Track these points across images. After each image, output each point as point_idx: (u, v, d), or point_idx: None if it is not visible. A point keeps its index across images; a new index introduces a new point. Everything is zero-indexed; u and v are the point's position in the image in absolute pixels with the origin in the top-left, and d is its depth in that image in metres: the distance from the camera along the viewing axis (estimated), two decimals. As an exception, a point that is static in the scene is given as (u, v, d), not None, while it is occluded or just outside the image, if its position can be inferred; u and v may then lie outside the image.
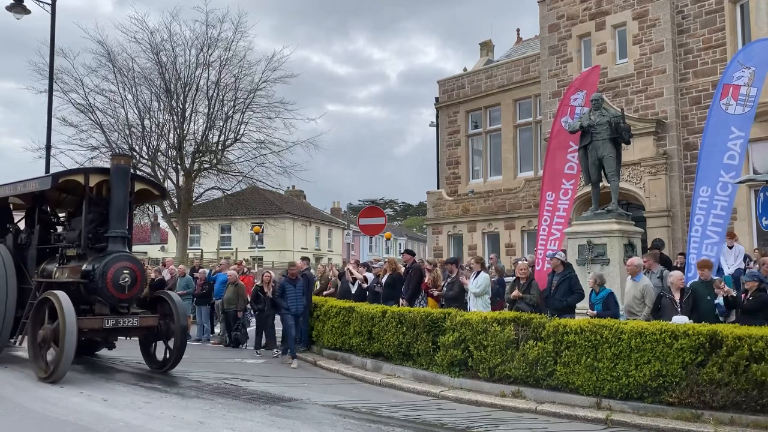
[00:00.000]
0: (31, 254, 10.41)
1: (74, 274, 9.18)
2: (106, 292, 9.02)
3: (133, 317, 9.37)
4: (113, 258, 9.10)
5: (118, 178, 9.44)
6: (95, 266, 9.07)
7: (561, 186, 12.72)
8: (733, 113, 10.02)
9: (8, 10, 15.86)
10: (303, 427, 6.59)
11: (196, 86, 25.25)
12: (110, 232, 9.34)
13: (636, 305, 9.07)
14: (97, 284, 8.98)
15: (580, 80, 13.72)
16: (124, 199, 9.47)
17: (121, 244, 9.41)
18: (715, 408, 6.76)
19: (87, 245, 9.42)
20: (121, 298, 9.16)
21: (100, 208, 9.61)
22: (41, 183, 9.57)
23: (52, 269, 9.81)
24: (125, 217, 9.63)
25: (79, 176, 9.76)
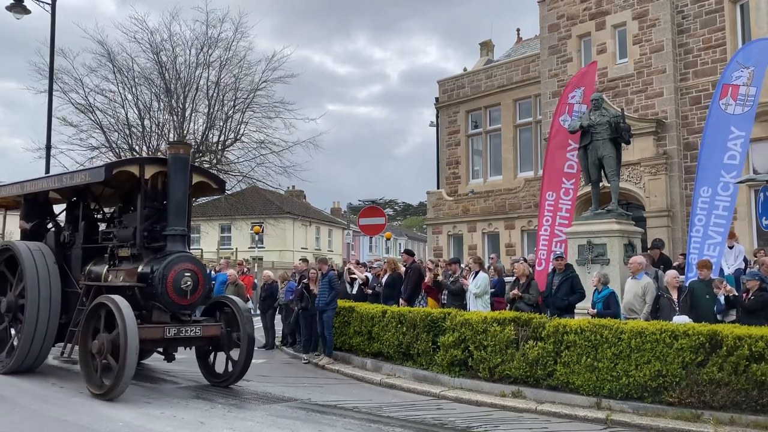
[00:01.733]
0: (75, 254, 9.45)
1: (130, 277, 8.18)
2: (166, 298, 8.08)
3: (196, 326, 8.39)
4: (174, 259, 8.18)
5: (176, 168, 8.49)
6: (154, 268, 8.14)
7: (561, 185, 12.72)
8: (732, 113, 10.02)
9: (8, 10, 15.86)
10: (303, 427, 6.59)
11: (196, 86, 25.23)
12: (169, 229, 8.41)
13: (637, 303, 9.09)
14: (156, 288, 8.04)
15: (577, 77, 13.73)
16: (183, 193, 8.54)
17: (181, 243, 8.51)
18: (715, 408, 6.76)
19: (143, 244, 8.50)
20: (182, 304, 8.23)
21: (155, 202, 8.73)
22: (93, 174, 8.66)
23: (100, 271, 8.92)
24: (185, 213, 8.66)
25: (133, 167, 8.76)
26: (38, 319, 8.63)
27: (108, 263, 8.82)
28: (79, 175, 9.01)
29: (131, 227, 8.66)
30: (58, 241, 9.63)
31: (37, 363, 9.01)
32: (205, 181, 9.56)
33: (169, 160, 8.59)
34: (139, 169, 8.67)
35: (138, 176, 8.61)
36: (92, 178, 8.64)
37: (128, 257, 8.57)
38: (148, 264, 8.28)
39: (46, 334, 8.74)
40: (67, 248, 9.58)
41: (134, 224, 8.61)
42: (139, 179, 8.59)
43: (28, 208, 10.44)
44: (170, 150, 8.76)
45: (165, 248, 8.35)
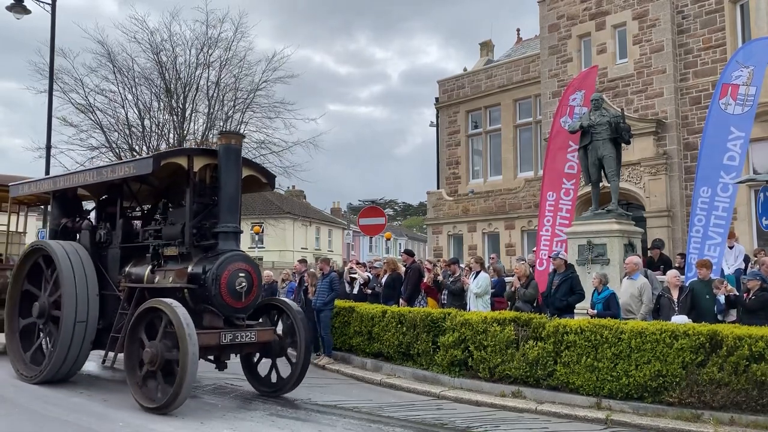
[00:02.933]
0: (112, 254, 8.84)
1: (180, 278, 7.53)
2: (220, 300, 7.47)
3: (250, 331, 7.73)
4: (227, 258, 7.56)
5: (228, 160, 7.85)
6: (206, 268, 7.52)
7: (562, 186, 12.73)
8: (732, 113, 10.02)
9: (8, 10, 15.87)
10: (303, 427, 6.59)
11: (196, 86, 25.24)
12: (221, 226, 7.78)
13: (633, 303, 9.09)
14: (210, 290, 7.43)
15: (578, 80, 13.74)
16: (235, 187, 7.89)
17: (234, 242, 7.88)
18: (715, 408, 6.76)
19: (192, 242, 7.86)
20: (236, 307, 7.62)
21: (204, 198, 8.10)
22: (139, 166, 7.97)
23: (141, 272, 8.30)
24: (237, 209, 8.02)
25: (181, 158, 8.03)
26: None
27: (151, 263, 8.19)
28: (122, 167, 8.28)
29: (179, 224, 7.98)
30: (93, 241, 9.01)
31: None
32: (255, 175, 8.75)
33: (220, 151, 7.93)
34: (188, 161, 7.96)
35: (186, 169, 7.93)
36: (138, 171, 7.96)
37: (175, 257, 7.96)
38: (199, 264, 7.67)
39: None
40: (102, 248, 8.99)
41: (182, 221, 7.94)
42: (187, 172, 7.91)
43: (58, 205, 9.89)
44: (221, 140, 8.02)
45: (216, 247, 7.75)
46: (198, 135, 25.60)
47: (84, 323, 8.13)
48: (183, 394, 6.71)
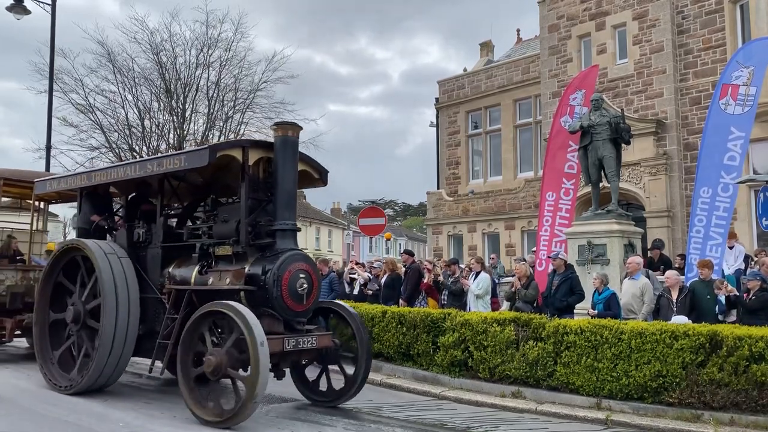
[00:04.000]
0: (152, 255, 8.27)
1: (238, 279, 6.98)
2: (281, 303, 6.93)
3: (311, 336, 7.22)
4: (288, 258, 7.03)
5: (285, 153, 7.29)
6: (266, 268, 6.97)
7: (562, 185, 12.74)
8: (732, 113, 10.03)
9: (8, 10, 15.87)
10: (303, 427, 6.59)
11: (196, 86, 25.22)
12: (279, 223, 7.23)
13: (635, 303, 9.11)
14: (270, 292, 6.89)
15: (578, 80, 13.75)
16: (293, 182, 7.39)
17: (292, 240, 7.38)
18: (715, 408, 6.76)
19: (248, 241, 7.28)
20: (297, 310, 7.11)
21: (257, 193, 7.55)
22: (193, 159, 7.29)
23: (187, 274, 7.73)
24: (295, 205, 7.57)
25: (236, 151, 7.40)
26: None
27: (199, 264, 7.65)
28: (170, 160, 7.62)
29: (232, 221, 7.37)
30: (130, 240, 8.43)
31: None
32: (307, 170, 8.09)
33: (276, 143, 7.35)
34: (243, 154, 7.35)
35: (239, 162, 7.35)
36: (190, 164, 7.32)
37: (228, 256, 7.38)
38: (257, 264, 7.11)
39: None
40: (140, 248, 8.41)
41: (235, 218, 7.36)
42: (242, 165, 7.35)
43: (89, 202, 9.30)
44: (278, 131, 7.38)
45: (274, 245, 7.19)
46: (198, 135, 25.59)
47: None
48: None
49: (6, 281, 10.40)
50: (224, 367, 6.42)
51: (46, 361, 8.43)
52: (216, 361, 6.42)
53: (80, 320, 8.08)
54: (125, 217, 9.08)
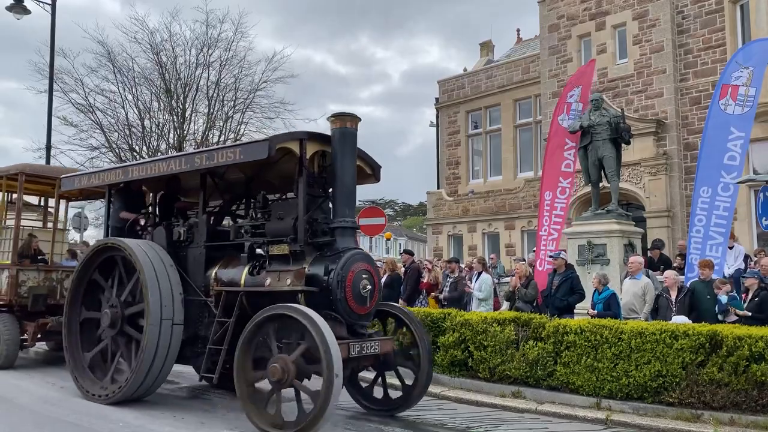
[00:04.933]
0: (193, 255, 7.76)
1: (299, 280, 6.52)
2: (345, 306, 6.51)
3: (374, 341, 6.75)
4: (351, 257, 6.62)
5: (344, 146, 6.88)
6: (329, 268, 6.55)
7: (558, 184, 12.74)
8: (732, 113, 10.02)
9: (8, 10, 15.87)
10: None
11: (196, 86, 25.22)
12: (338, 221, 6.83)
13: (637, 303, 9.12)
14: (334, 294, 6.48)
15: (576, 76, 13.76)
16: (352, 176, 6.96)
17: (352, 238, 6.99)
18: (715, 408, 6.76)
19: (306, 240, 6.83)
20: (360, 313, 6.68)
21: (312, 188, 7.08)
22: (250, 151, 6.80)
23: (236, 274, 7.27)
24: (354, 201, 7.12)
25: (293, 143, 6.89)
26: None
27: (248, 264, 7.18)
28: (224, 153, 7.02)
29: (289, 218, 6.91)
30: (170, 239, 7.95)
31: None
32: (361, 165, 7.54)
33: (334, 135, 6.91)
34: (300, 147, 6.88)
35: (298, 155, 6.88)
36: (248, 156, 6.80)
37: (285, 256, 6.88)
38: (317, 264, 6.68)
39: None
40: (181, 248, 7.92)
41: (292, 215, 6.90)
42: (299, 159, 6.88)
43: (120, 199, 8.82)
44: (335, 123, 6.92)
45: (334, 244, 6.79)
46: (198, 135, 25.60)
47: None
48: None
49: (28, 282, 9.84)
50: (290, 376, 5.98)
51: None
52: (282, 370, 5.97)
53: (118, 325, 7.60)
54: (159, 216, 8.66)
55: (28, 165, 11.11)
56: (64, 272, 10.18)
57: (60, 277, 10.14)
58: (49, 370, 9.80)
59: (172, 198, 8.77)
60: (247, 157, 6.84)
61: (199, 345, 7.43)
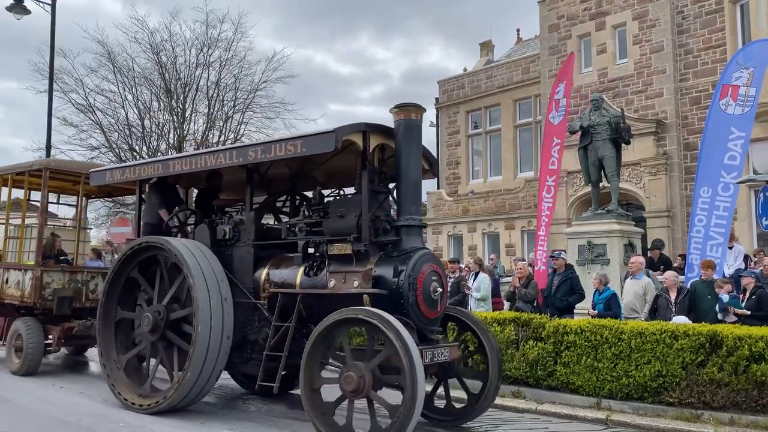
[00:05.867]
0: (240, 254, 7.32)
1: (366, 282, 6.10)
2: (416, 310, 6.08)
3: (444, 347, 6.32)
4: (421, 258, 6.21)
5: (410, 139, 6.46)
6: (399, 269, 6.10)
7: (545, 183, 12.75)
8: (732, 113, 10.03)
9: (8, 10, 15.87)
10: (303, 427, 6.59)
11: (196, 86, 25.22)
12: (404, 218, 6.41)
13: (638, 303, 9.13)
14: (406, 297, 6.03)
15: (560, 72, 13.82)
16: (418, 171, 6.56)
17: (419, 237, 6.58)
18: (715, 408, 6.76)
19: (370, 239, 6.40)
20: (431, 318, 6.27)
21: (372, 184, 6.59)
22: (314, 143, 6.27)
23: (290, 275, 6.86)
24: (420, 197, 6.71)
25: (356, 135, 6.40)
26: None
27: (303, 264, 6.81)
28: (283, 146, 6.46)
29: (351, 216, 6.46)
30: (213, 238, 7.47)
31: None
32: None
33: (399, 128, 6.48)
34: (363, 139, 6.41)
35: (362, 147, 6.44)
36: (312, 149, 6.32)
37: (347, 256, 6.41)
38: (384, 264, 6.24)
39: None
40: (225, 247, 7.46)
41: (354, 212, 6.45)
42: (362, 152, 6.45)
43: (157, 195, 8.34)
44: (399, 114, 6.49)
45: (400, 243, 6.36)
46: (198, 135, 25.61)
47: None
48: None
49: (53, 284, 9.26)
50: (367, 387, 5.57)
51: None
52: (358, 380, 5.55)
53: (160, 330, 7.13)
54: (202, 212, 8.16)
55: (52, 160, 10.81)
56: (89, 273, 9.71)
57: (85, 278, 9.59)
58: (50, 370, 9.79)
59: (209, 194, 8.32)
60: (310, 150, 6.36)
61: (247, 350, 7.05)
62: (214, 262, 7.11)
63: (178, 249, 6.99)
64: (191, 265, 6.80)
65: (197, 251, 7.08)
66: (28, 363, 8.96)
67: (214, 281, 6.86)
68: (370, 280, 6.11)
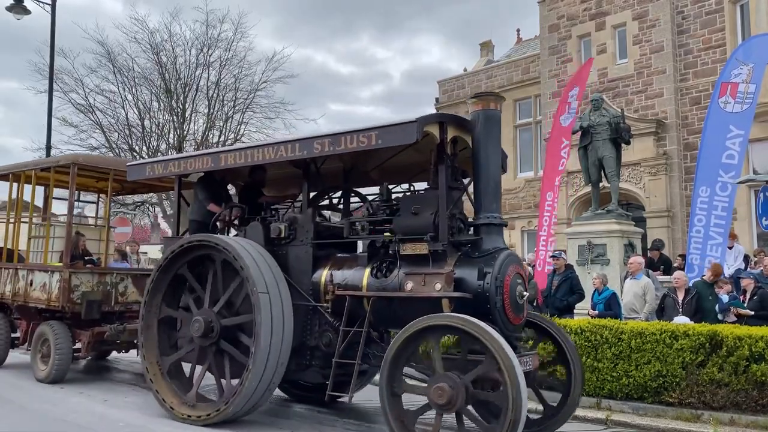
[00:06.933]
0: (296, 254, 6.83)
1: (449, 284, 5.65)
2: (502, 316, 5.67)
3: (528, 356, 5.87)
4: (506, 259, 5.80)
5: (489, 131, 6.05)
6: (484, 271, 5.67)
7: (553, 184, 12.80)
8: (731, 111, 10.01)
9: (8, 10, 15.87)
10: (303, 427, 6.58)
11: (196, 86, 25.23)
12: (485, 216, 5.99)
13: (638, 303, 9.13)
14: (492, 302, 5.62)
15: (575, 75, 13.82)
16: (498, 165, 6.17)
17: (501, 237, 6.13)
18: (715, 408, 6.76)
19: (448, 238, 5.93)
20: (516, 324, 5.88)
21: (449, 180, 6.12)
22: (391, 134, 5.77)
23: (355, 276, 6.39)
24: (500, 194, 6.27)
25: (433, 126, 5.91)
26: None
27: (370, 265, 6.34)
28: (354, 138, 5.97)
29: (426, 213, 5.98)
30: (267, 236, 6.96)
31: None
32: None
33: (478, 119, 6.04)
34: (440, 130, 5.95)
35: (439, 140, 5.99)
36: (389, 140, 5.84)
37: (422, 257, 5.95)
38: (465, 266, 5.82)
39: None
40: (280, 245, 6.96)
41: (430, 209, 5.98)
42: (440, 144, 6.00)
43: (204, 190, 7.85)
44: (477, 105, 6.09)
45: (480, 243, 5.96)
46: (198, 135, 25.61)
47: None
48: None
49: (81, 287, 8.66)
50: (461, 401, 5.13)
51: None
52: (450, 392, 5.11)
53: (213, 337, 6.66)
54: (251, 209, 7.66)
55: (80, 155, 10.27)
56: (118, 275, 9.13)
57: (114, 280, 8.99)
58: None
59: (253, 191, 7.93)
60: (386, 142, 5.87)
61: (306, 357, 6.64)
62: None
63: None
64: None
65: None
66: (56, 370, 8.45)
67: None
68: (452, 283, 5.69)
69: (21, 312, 9.49)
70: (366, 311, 6.13)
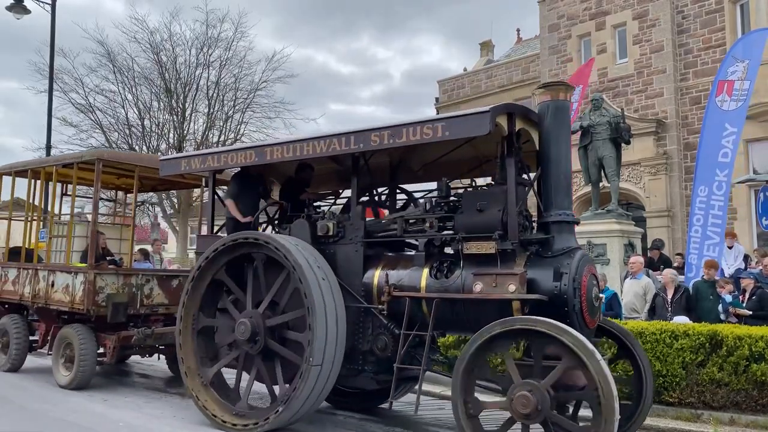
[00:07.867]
0: (346, 253, 6.45)
1: (522, 286, 5.27)
2: (580, 319, 5.34)
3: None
4: (582, 259, 5.50)
5: (559, 123, 5.73)
6: (561, 271, 5.36)
7: None
8: (727, 109, 10.02)
9: (8, 10, 15.87)
10: (303, 427, 6.59)
11: (196, 86, 25.27)
12: (554, 213, 5.69)
13: (639, 302, 9.14)
14: (571, 304, 5.29)
15: (576, 75, 13.81)
16: (569, 160, 5.80)
17: (573, 236, 5.79)
18: (715, 408, 6.76)
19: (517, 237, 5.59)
20: (591, 327, 5.57)
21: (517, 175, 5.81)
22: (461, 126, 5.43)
23: (411, 277, 6.03)
24: (571, 190, 5.93)
25: (502, 117, 5.57)
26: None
27: (428, 265, 6.00)
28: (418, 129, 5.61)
29: (493, 210, 5.66)
30: (314, 235, 6.59)
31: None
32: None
33: (544, 110, 5.74)
34: (508, 122, 5.61)
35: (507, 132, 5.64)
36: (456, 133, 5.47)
37: (489, 256, 5.58)
38: (537, 266, 5.50)
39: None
40: (327, 244, 6.58)
41: (497, 206, 5.67)
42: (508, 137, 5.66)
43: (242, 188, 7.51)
44: (545, 95, 5.76)
45: (551, 242, 5.62)
46: (198, 135, 25.62)
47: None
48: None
49: (106, 289, 8.23)
50: (545, 408, 4.77)
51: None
52: (533, 400, 4.75)
53: (259, 340, 6.29)
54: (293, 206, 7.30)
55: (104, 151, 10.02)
56: (144, 277, 8.71)
57: (140, 282, 8.57)
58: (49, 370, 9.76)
59: (296, 187, 7.58)
60: (454, 134, 5.48)
61: (358, 361, 6.30)
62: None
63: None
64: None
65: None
66: (81, 376, 8.07)
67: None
68: (525, 284, 5.33)
69: (40, 315, 9.14)
70: (424, 313, 5.82)
